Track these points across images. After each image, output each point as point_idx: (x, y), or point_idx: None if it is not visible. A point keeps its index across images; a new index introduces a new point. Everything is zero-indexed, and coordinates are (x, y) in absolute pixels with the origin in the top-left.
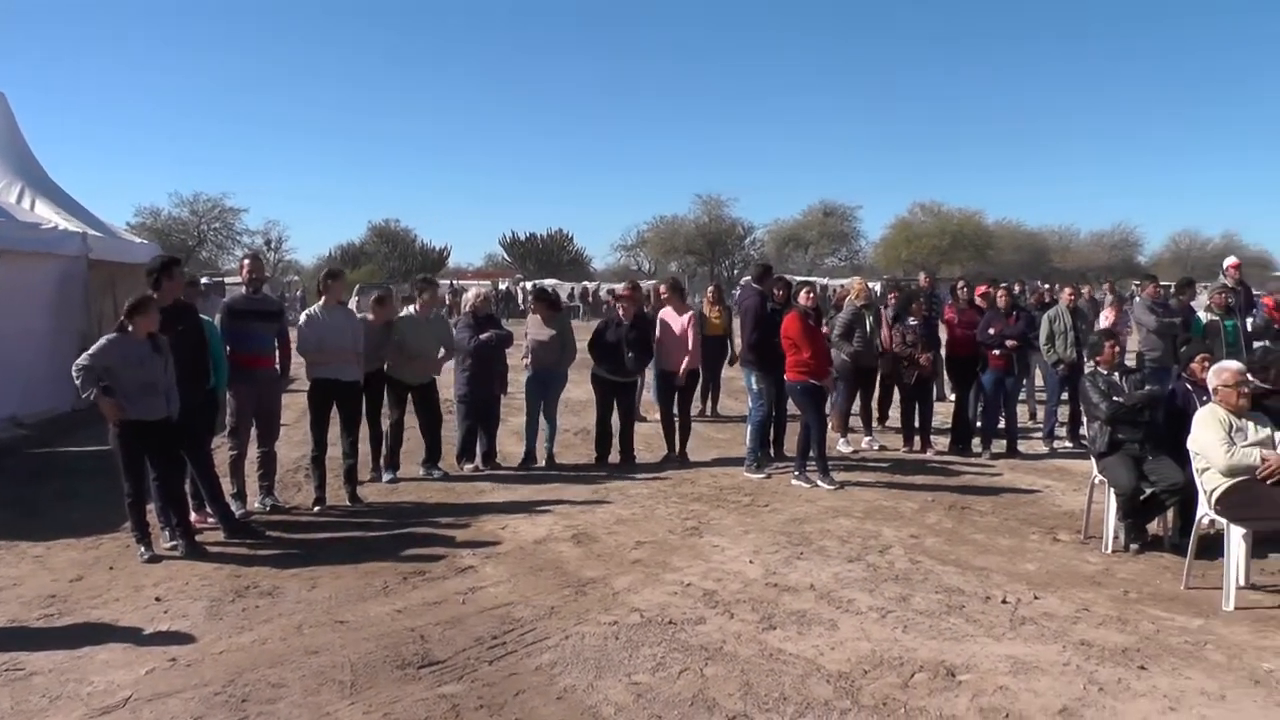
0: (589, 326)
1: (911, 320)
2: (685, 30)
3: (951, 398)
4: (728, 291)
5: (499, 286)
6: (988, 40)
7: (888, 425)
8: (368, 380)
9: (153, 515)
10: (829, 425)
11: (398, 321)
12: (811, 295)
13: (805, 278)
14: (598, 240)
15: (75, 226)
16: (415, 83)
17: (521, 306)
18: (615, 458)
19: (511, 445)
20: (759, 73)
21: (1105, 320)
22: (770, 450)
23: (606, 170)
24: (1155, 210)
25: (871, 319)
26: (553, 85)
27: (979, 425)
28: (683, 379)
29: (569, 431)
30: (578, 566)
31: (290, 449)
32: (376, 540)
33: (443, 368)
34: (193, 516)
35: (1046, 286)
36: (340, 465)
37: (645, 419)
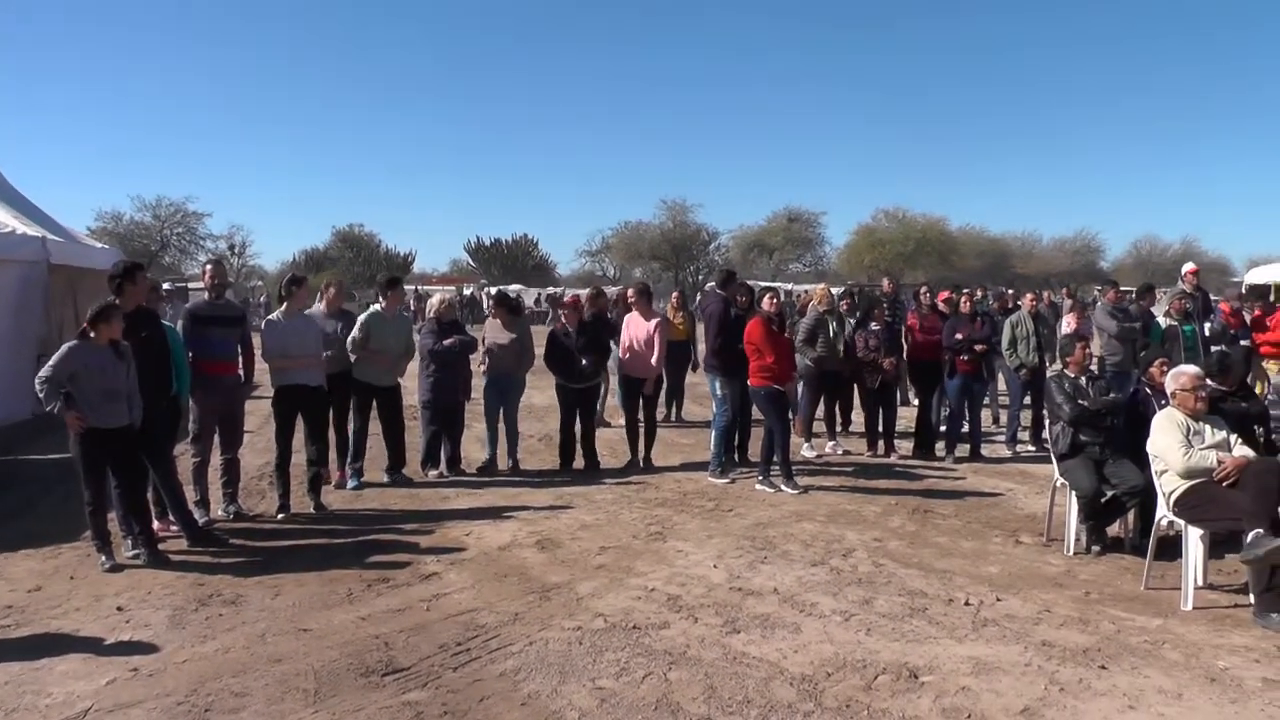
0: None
1: (874, 325)
2: (650, 35)
3: (915, 402)
4: (691, 297)
5: (464, 292)
6: (952, 48)
7: (851, 430)
8: (332, 385)
9: (114, 524)
10: (793, 430)
11: (367, 318)
12: (775, 301)
13: (770, 283)
14: (563, 246)
15: (34, 231)
16: (379, 87)
17: (487, 312)
18: (580, 463)
19: (477, 451)
20: (725, 78)
21: (1067, 325)
22: (735, 455)
23: (572, 176)
24: (1118, 217)
25: (835, 324)
26: (518, 90)
27: (942, 429)
28: (650, 389)
29: (533, 437)
30: (542, 572)
31: (254, 456)
32: (341, 547)
33: (405, 369)
34: (155, 524)
35: (1010, 292)
36: (305, 472)
37: (610, 424)
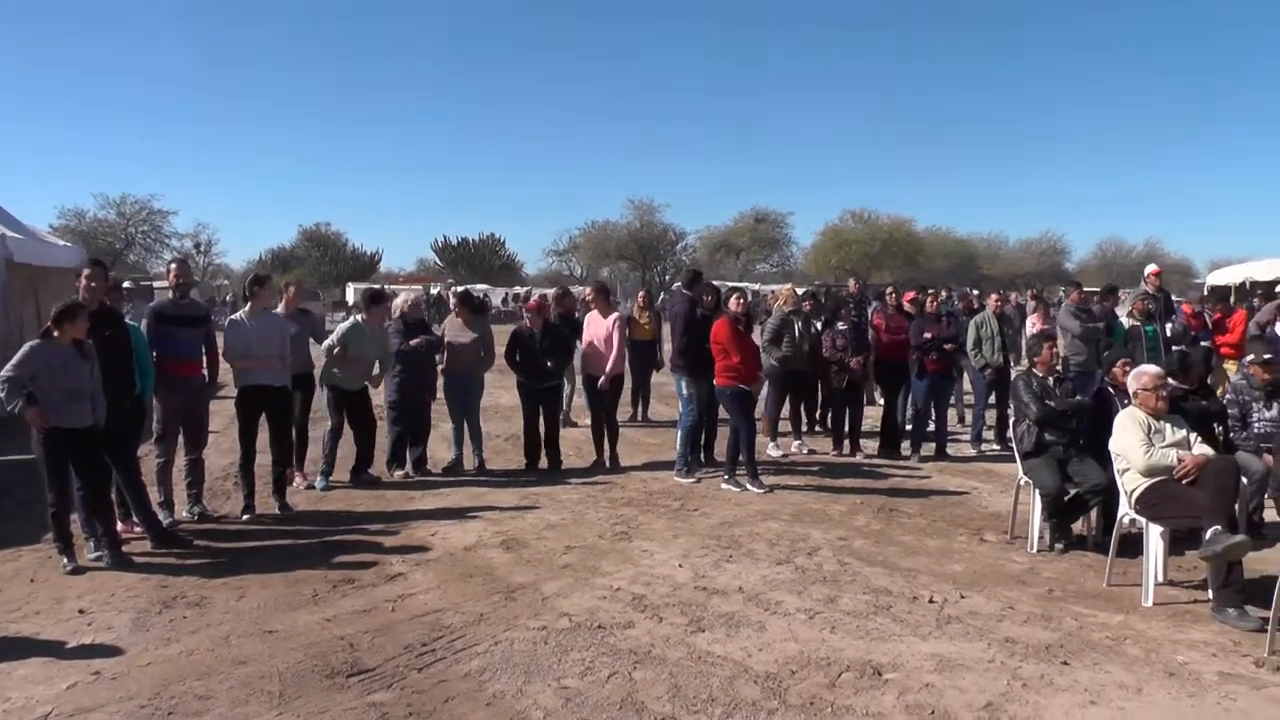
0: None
1: (841, 325)
2: (619, 31)
3: (880, 402)
4: (658, 296)
5: (430, 291)
6: (919, 53)
7: (817, 429)
8: (295, 384)
9: (77, 526)
10: (758, 429)
11: (346, 330)
12: (741, 301)
13: (737, 283)
14: (530, 245)
15: None
16: (347, 86)
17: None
18: (545, 463)
19: (443, 451)
20: (693, 77)
21: (1032, 326)
22: (700, 455)
23: (539, 175)
24: (1083, 219)
25: (800, 324)
26: (485, 91)
27: (908, 429)
28: (605, 385)
29: (499, 437)
30: (507, 572)
31: (219, 456)
32: (306, 548)
33: (380, 381)
34: (119, 526)
35: (976, 293)
36: (269, 472)
37: (577, 424)
